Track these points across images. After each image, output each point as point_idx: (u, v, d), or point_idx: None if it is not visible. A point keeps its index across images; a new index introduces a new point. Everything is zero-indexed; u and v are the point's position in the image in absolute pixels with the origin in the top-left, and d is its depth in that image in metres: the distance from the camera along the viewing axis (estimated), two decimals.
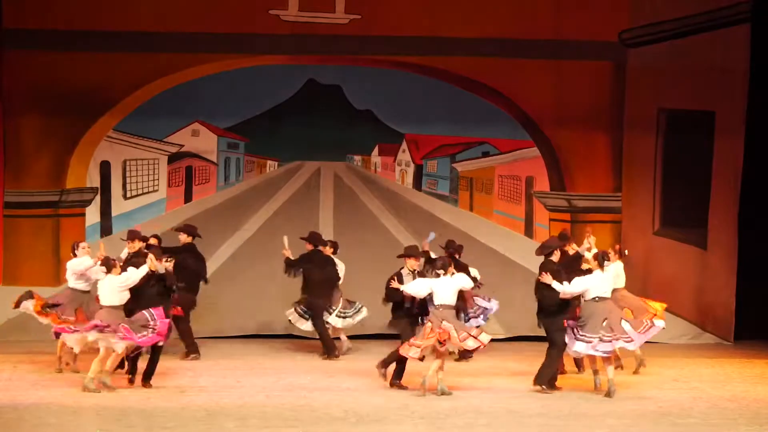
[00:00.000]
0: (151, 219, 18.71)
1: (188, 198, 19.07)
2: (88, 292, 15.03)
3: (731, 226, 18.59)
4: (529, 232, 19.32)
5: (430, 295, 13.94)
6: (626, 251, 16.00)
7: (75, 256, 15.17)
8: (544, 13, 18.81)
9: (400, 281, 14.20)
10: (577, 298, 14.17)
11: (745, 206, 18.53)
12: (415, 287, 14.06)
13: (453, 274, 14.05)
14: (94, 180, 18.68)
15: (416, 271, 14.46)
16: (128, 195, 18.84)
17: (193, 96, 18.67)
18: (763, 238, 18.66)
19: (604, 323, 13.93)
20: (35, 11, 18.28)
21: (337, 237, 17.51)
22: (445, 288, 13.91)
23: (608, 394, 13.93)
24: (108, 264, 14.05)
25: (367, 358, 15.75)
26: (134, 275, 13.91)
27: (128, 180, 18.83)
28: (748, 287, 18.59)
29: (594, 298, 14.00)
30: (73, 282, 15.13)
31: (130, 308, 13.97)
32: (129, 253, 15.09)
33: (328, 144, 19.03)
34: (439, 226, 17.98)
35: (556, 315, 14.10)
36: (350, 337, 16.97)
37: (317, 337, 16.73)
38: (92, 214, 18.68)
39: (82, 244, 15.31)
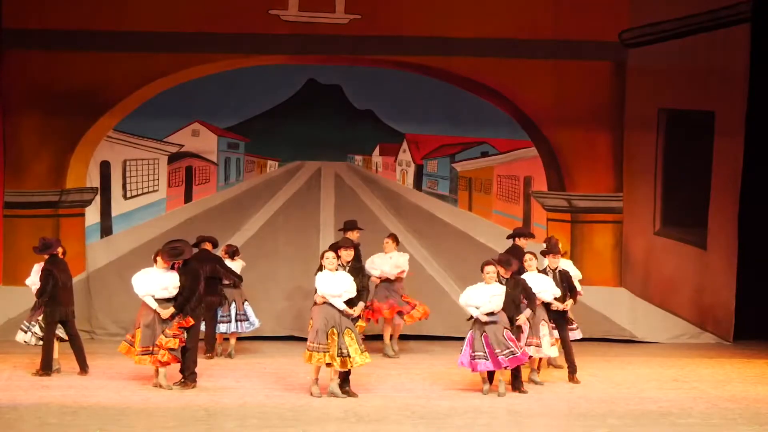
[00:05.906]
0: (152, 219, 18.73)
1: (188, 198, 19.05)
2: None
3: (731, 226, 18.59)
4: None
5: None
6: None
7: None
8: (543, 13, 18.80)
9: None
10: None
11: (745, 206, 18.54)
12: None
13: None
14: (94, 180, 18.68)
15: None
16: (128, 195, 18.83)
17: (193, 96, 18.66)
18: (763, 238, 18.67)
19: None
20: (35, 11, 18.26)
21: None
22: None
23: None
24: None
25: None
26: None
27: (128, 180, 18.83)
28: (748, 287, 18.60)
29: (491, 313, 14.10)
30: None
31: None
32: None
33: (328, 144, 19.00)
34: (439, 226, 17.94)
35: None
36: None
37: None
38: (92, 214, 18.67)
39: None
